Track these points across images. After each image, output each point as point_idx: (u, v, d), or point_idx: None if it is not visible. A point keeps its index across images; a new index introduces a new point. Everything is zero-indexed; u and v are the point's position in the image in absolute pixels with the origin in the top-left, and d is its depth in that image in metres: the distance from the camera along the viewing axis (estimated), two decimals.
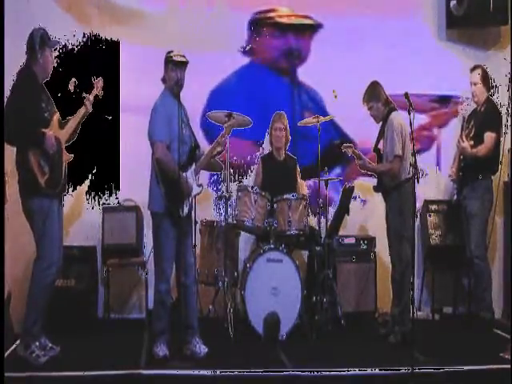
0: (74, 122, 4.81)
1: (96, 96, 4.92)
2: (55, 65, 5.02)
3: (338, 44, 6.23)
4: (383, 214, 5.37)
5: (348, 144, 5.50)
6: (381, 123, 5.34)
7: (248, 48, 6.29)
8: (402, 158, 5.13)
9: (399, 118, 5.17)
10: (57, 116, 4.77)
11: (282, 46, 6.35)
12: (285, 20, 6.34)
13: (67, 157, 4.80)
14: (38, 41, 4.63)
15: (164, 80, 4.81)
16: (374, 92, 5.28)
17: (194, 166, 4.82)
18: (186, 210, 4.73)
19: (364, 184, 6.21)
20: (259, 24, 6.29)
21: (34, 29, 4.71)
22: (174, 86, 4.74)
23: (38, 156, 4.56)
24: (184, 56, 4.75)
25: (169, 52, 4.77)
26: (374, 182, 5.46)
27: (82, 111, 4.84)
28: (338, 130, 6.31)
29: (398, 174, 5.17)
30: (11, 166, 4.73)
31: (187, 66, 4.76)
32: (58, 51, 5.88)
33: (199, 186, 4.84)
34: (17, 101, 4.56)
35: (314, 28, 6.32)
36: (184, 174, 4.71)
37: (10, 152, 4.68)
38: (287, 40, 6.34)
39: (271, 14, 6.33)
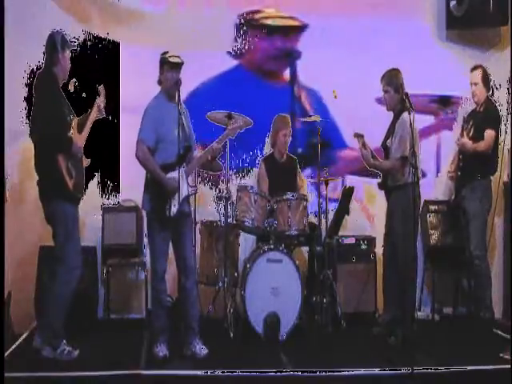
0: (89, 126, 4.79)
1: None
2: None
3: (337, 44, 6.22)
4: (384, 214, 5.36)
5: (360, 133, 5.38)
6: (392, 119, 5.30)
7: (247, 49, 6.28)
8: (407, 159, 5.10)
9: (412, 119, 5.07)
10: (75, 120, 4.75)
11: (283, 46, 6.34)
12: (284, 21, 6.32)
13: (85, 162, 4.83)
14: (60, 42, 4.62)
15: (160, 82, 4.78)
16: (394, 79, 5.22)
17: (185, 167, 4.77)
18: (174, 209, 4.66)
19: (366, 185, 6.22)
20: (255, 26, 6.27)
21: (53, 31, 4.71)
22: (169, 87, 4.72)
23: (66, 160, 4.57)
24: (179, 57, 4.72)
25: (164, 53, 4.75)
26: (372, 182, 5.45)
27: (93, 116, 4.82)
28: (335, 130, 6.30)
29: (400, 175, 5.15)
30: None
31: (182, 66, 4.72)
32: None
33: (192, 186, 4.81)
34: (43, 104, 4.55)
35: (308, 29, 6.30)
36: (173, 174, 4.66)
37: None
38: (288, 41, 6.33)
39: (270, 15, 6.32)
